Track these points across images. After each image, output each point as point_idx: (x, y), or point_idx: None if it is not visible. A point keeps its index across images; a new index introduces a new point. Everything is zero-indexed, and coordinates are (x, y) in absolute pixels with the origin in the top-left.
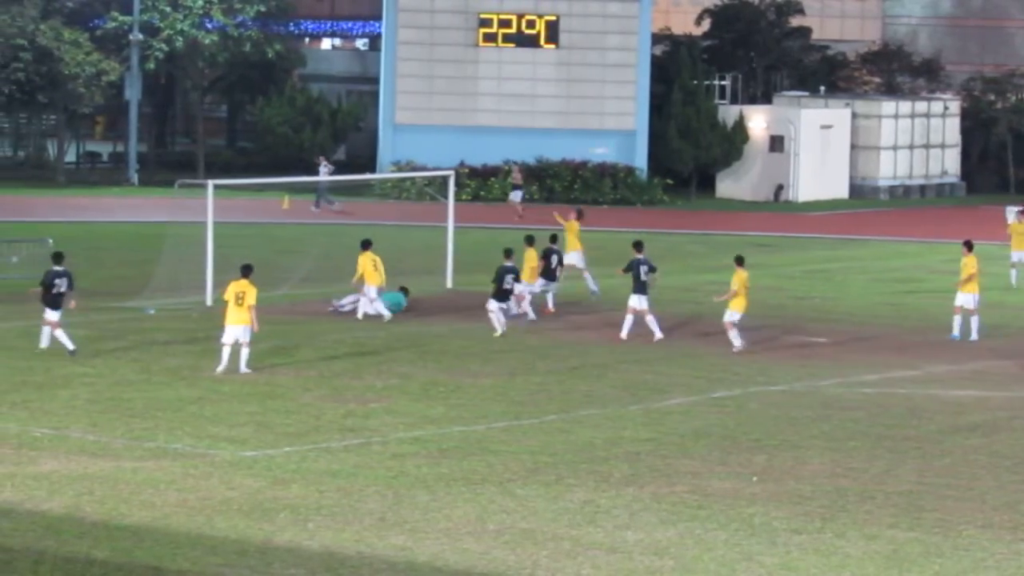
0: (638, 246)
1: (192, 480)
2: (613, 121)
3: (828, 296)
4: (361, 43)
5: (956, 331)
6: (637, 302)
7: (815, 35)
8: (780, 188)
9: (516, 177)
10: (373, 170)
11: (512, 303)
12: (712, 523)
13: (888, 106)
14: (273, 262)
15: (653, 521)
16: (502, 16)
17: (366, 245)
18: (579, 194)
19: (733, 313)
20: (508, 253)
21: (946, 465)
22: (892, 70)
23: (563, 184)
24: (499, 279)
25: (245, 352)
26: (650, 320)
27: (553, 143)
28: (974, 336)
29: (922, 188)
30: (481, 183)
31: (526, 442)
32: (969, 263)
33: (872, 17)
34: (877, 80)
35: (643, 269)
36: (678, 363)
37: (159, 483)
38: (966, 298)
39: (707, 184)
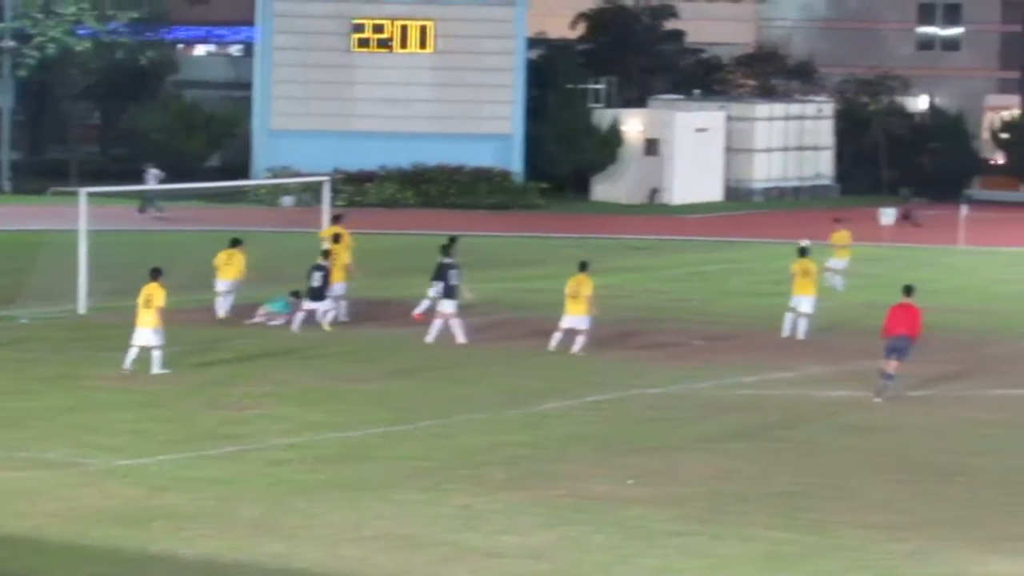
0: (445, 249)
1: (67, 490)
2: (489, 125)
3: (705, 298)
4: (235, 49)
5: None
6: (446, 306)
7: (690, 38)
8: (655, 191)
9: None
10: (248, 176)
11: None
12: (590, 526)
13: (762, 109)
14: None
15: (531, 525)
16: (376, 21)
17: (234, 243)
18: (455, 199)
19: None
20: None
21: (822, 465)
22: (767, 73)
23: (440, 189)
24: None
25: (156, 354)
26: (454, 324)
27: (429, 148)
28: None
29: (796, 190)
30: (357, 188)
31: (404, 448)
32: (806, 264)
33: (746, 20)
34: (752, 83)
35: (452, 273)
36: (557, 367)
37: (33, 493)
38: (800, 300)
39: (583, 188)
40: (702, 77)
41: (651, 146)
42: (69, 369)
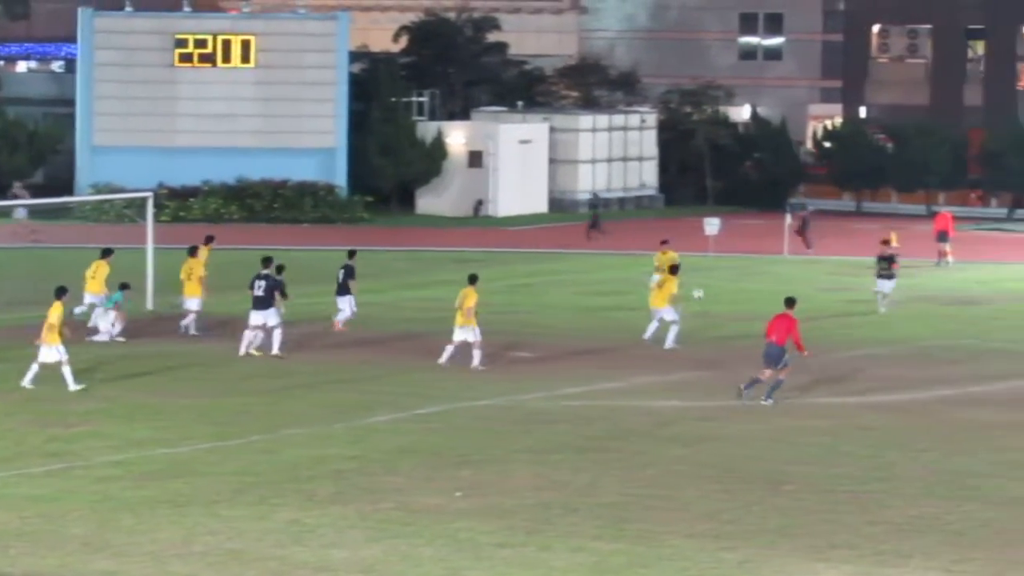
0: (266, 262)
1: None
2: (313, 139)
3: (531, 310)
4: (58, 65)
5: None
6: (258, 318)
7: (513, 50)
8: (480, 203)
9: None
10: (72, 193)
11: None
12: (418, 539)
13: (586, 120)
14: None
15: (359, 539)
16: (198, 36)
17: (105, 254)
18: (280, 213)
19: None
20: (266, 261)
21: (650, 476)
22: (590, 84)
23: (264, 203)
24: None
25: (66, 370)
26: (276, 335)
27: (253, 162)
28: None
29: (621, 200)
30: (181, 204)
31: (231, 463)
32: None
33: (569, 31)
34: (575, 94)
35: (259, 284)
36: (384, 380)
37: None
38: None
39: (408, 201)
40: (525, 89)
41: (475, 158)
42: None
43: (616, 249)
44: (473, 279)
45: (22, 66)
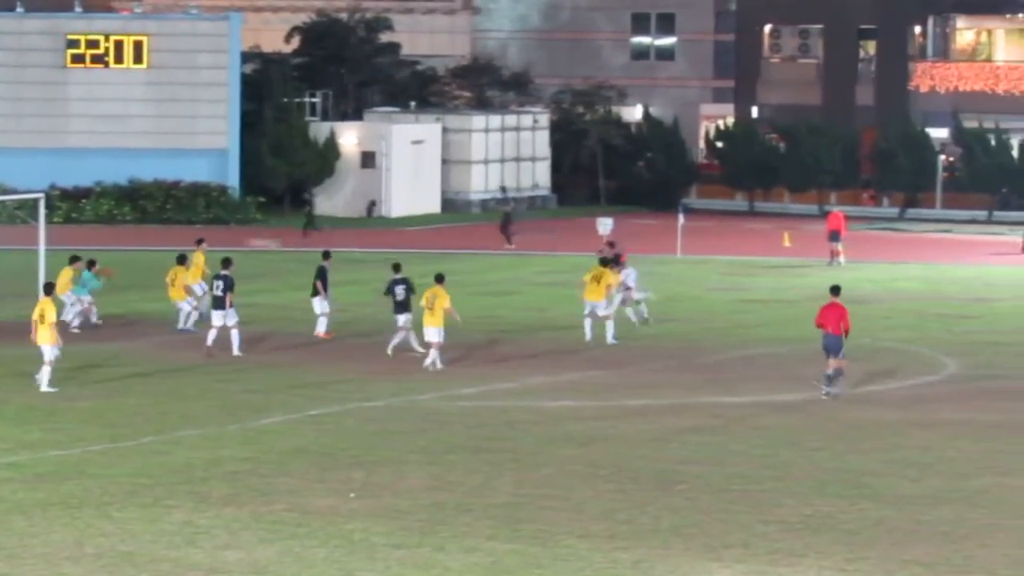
0: (225, 263)
1: None
2: (205, 140)
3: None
4: None
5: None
6: (218, 318)
7: (405, 50)
8: (373, 204)
9: None
10: None
11: None
12: (312, 540)
13: (478, 120)
14: None
15: (253, 540)
16: (90, 37)
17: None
18: (172, 214)
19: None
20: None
21: (543, 476)
22: (482, 84)
23: (156, 204)
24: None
25: (46, 371)
26: (234, 335)
27: (146, 163)
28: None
29: (514, 200)
30: (73, 205)
31: (123, 465)
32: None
33: (461, 32)
34: (468, 94)
35: (218, 284)
36: (276, 380)
37: None
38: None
39: (300, 201)
40: (418, 89)
41: (368, 159)
42: None
43: (508, 250)
44: (440, 278)
45: None
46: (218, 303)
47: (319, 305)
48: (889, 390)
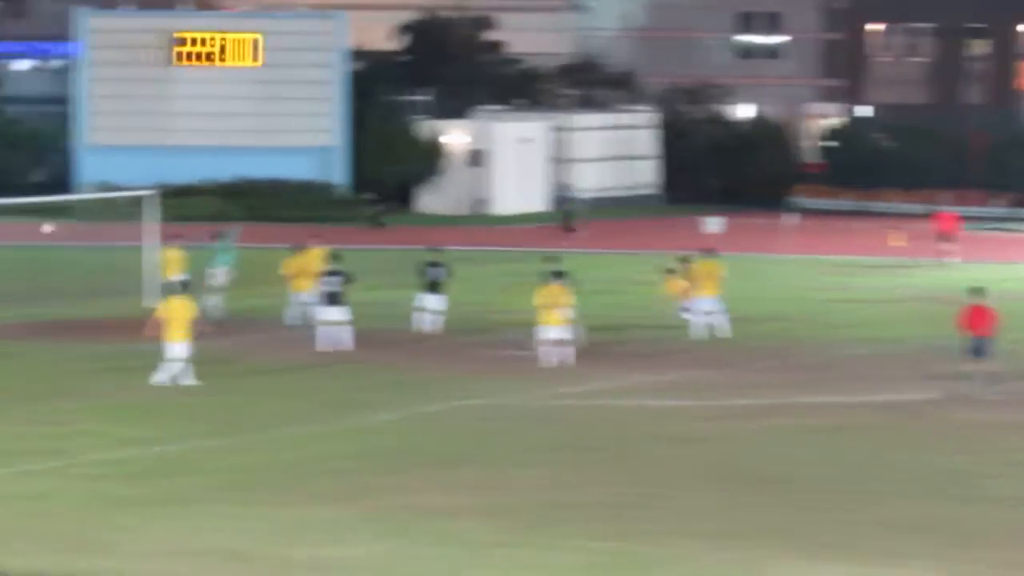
0: (333, 259)
1: None
2: (312, 138)
3: (527, 309)
4: (59, 64)
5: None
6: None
7: (512, 49)
8: (479, 201)
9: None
10: (70, 191)
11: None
12: (420, 538)
13: (584, 119)
14: None
15: (358, 538)
16: (196, 35)
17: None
18: (278, 212)
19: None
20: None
21: (648, 475)
22: (589, 83)
23: (263, 202)
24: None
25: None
26: (346, 331)
27: (252, 161)
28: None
29: (620, 199)
30: (180, 203)
31: (228, 461)
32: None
33: (566, 30)
34: (574, 93)
35: (330, 280)
36: (383, 378)
37: None
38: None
39: (407, 199)
40: (523, 88)
41: (474, 157)
42: None
43: (611, 248)
44: (559, 275)
45: (21, 64)
46: (333, 299)
47: (437, 302)
48: (1001, 391)
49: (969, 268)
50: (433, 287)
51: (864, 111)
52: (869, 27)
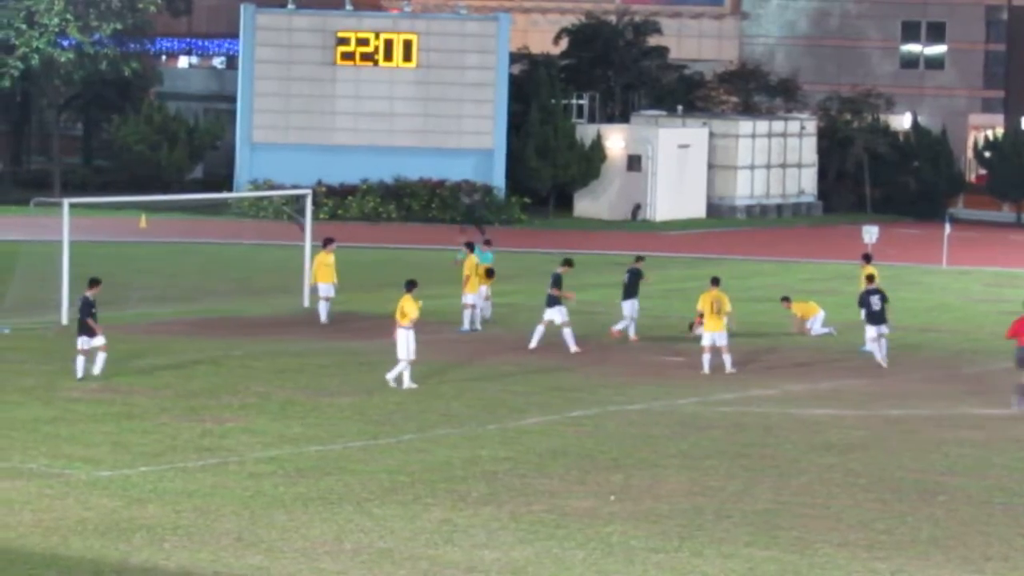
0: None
1: (47, 500)
2: (471, 140)
3: (685, 315)
4: (218, 61)
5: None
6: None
7: (672, 54)
8: (638, 207)
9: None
10: (230, 189)
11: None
12: (570, 542)
13: (745, 125)
14: (129, 281)
15: (511, 540)
16: (360, 35)
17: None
18: (437, 213)
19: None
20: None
21: (802, 484)
22: (749, 89)
23: (421, 203)
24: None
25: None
26: (566, 332)
27: (411, 162)
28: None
29: (779, 207)
30: (339, 202)
31: (383, 461)
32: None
33: (729, 37)
34: (734, 99)
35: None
36: (535, 382)
37: (14, 503)
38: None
39: (565, 203)
40: (684, 93)
41: (633, 162)
42: (50, 380)
43: (773, 256)
44: (716, 281)
45: (183, 61)
46: (552, 301)
47: (557, 314)
48: None
49: None
50: (629, 292)
51: None
52: None
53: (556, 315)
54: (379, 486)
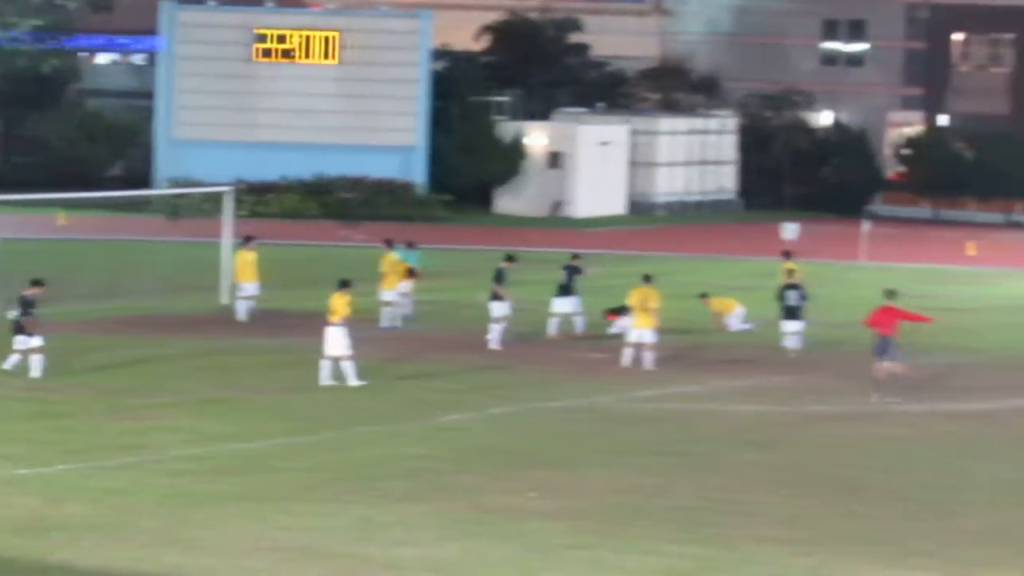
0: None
1: None
2: (393, 137)
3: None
4: (139, 58)
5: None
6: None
7: (595, 52)
8: (559, 204)
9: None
10: (150, 186)
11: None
12: (490, 539)
13: (666, 123)
14: (48, 278)
15: (431, 537)
16: (280, 32)
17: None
18: (358, 210)
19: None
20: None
21: (722, 480)
22: (671, 87)
23: (342, 200)
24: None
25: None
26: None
27: (332, 159)
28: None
29: (699, 204)
30: (259, 199)
31: (303, 459)
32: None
33: (651, 34)
34: (656, 97)
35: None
36: (456, 379)
37: None
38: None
39: (486, 200)
40: (606, 90)
41: (555, 159)
42: None
43: (693, 253)
44: (649, 278)
45: (103, 58)
46: (563, 290)
47: (498, 309)
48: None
49: None
50: (565, 290)
51: (944, 120)
52: (952, 36)
53: (498, 310)
54: (298, 484)
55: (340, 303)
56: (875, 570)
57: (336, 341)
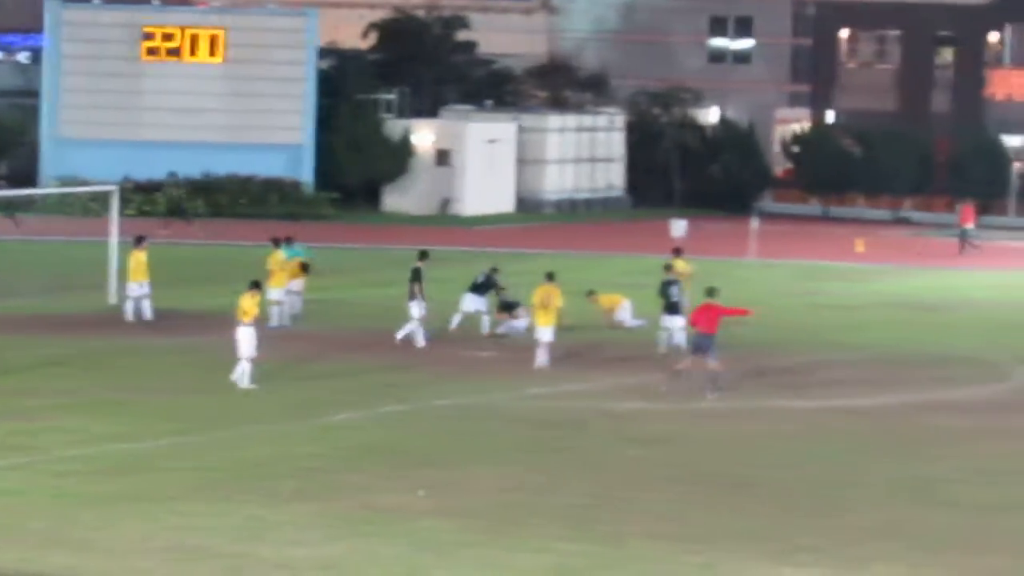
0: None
1: None
2: (280, 135)
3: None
4: (23, 56)
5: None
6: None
7: (482, 49)
8: (447, 202)
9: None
10: (35, 185)
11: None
12: (380, 537)
13: (554, 120)
14: None
15: (320, 537)
16: (165, 30)
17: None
18: (245, 208)
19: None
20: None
21: (611, 477)
22: (558, 84)
23: (230, 198)
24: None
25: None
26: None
27: (220, 157)
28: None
29: (588, 201)
30: (146, 198)
31: (192, 458)
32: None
33: (538, 31)
34: (544, 94)
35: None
36: (347, 378)
37: None
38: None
39: (374, 198)
40: (494, 88)
41: (442, 157)
42: None
43: (582, 250)
44: (551, 276)
45: None
46: (476, 288)
47: (415, 308)
48: (961, 398)
49: (931, 274)
50: (477, 289)
51: (831, 117)
52: (839, 33)
53: (416, 309)
54: (188, 483)
55: (250, 303)
56: (764, 566)
57: (249, 342)
